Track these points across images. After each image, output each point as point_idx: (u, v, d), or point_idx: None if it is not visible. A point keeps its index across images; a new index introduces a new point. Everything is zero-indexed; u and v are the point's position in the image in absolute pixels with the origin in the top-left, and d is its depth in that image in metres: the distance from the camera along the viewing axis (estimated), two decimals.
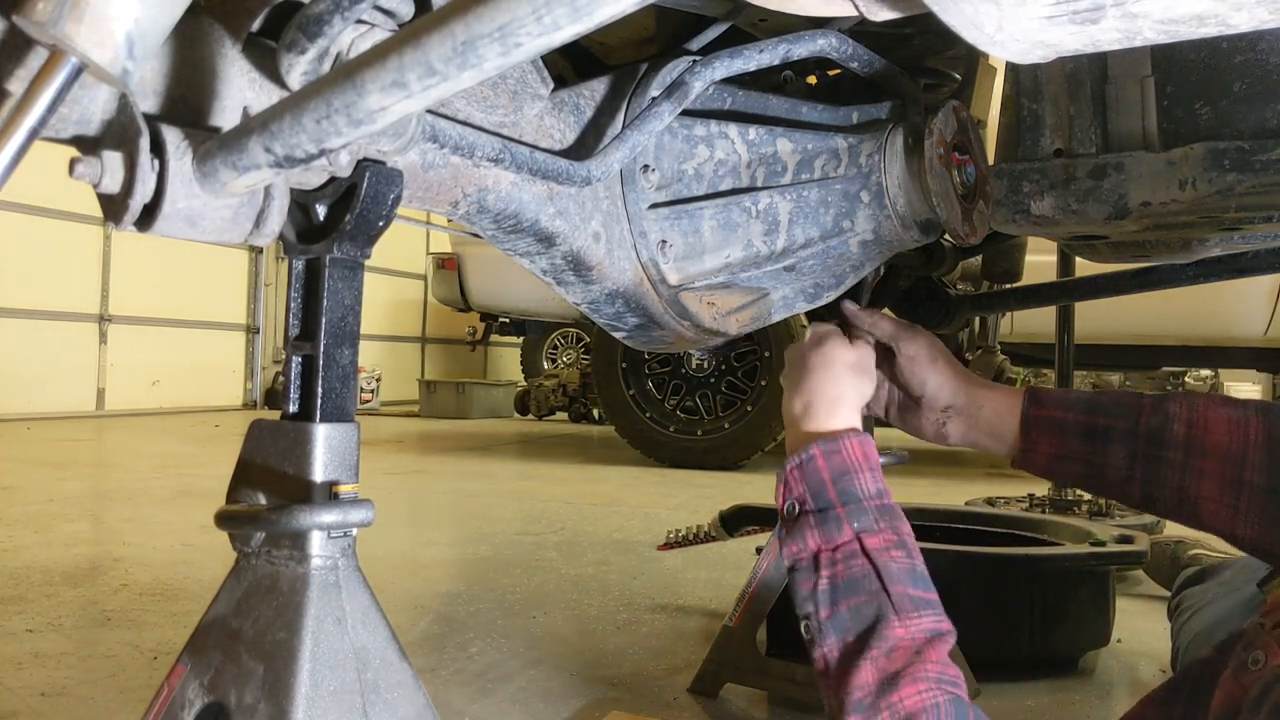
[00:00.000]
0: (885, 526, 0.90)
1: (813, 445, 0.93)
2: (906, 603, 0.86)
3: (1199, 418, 0.95)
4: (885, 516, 0.90)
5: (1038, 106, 1.35)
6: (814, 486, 0.92)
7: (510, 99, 0.99)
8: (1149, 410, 0.97)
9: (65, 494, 3.75)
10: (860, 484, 0.91)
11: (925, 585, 0.89)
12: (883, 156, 1.08)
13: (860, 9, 0.65)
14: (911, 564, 0.89)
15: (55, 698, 1.59)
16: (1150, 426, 0.96)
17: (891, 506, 0.92)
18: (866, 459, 0.93)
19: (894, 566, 0.87)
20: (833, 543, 0.89)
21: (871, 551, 0.88)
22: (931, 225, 1.10)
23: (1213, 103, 1.25)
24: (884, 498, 0.92)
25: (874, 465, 0.94)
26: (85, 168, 0.64)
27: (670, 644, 1.98)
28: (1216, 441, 0.94)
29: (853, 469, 0.92)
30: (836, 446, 0.93)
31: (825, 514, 0.90)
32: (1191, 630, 1.59)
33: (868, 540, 0.88)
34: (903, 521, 0.92)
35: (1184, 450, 0.95)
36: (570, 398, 8.85)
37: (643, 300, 1.19)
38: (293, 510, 0.75)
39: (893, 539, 0.89)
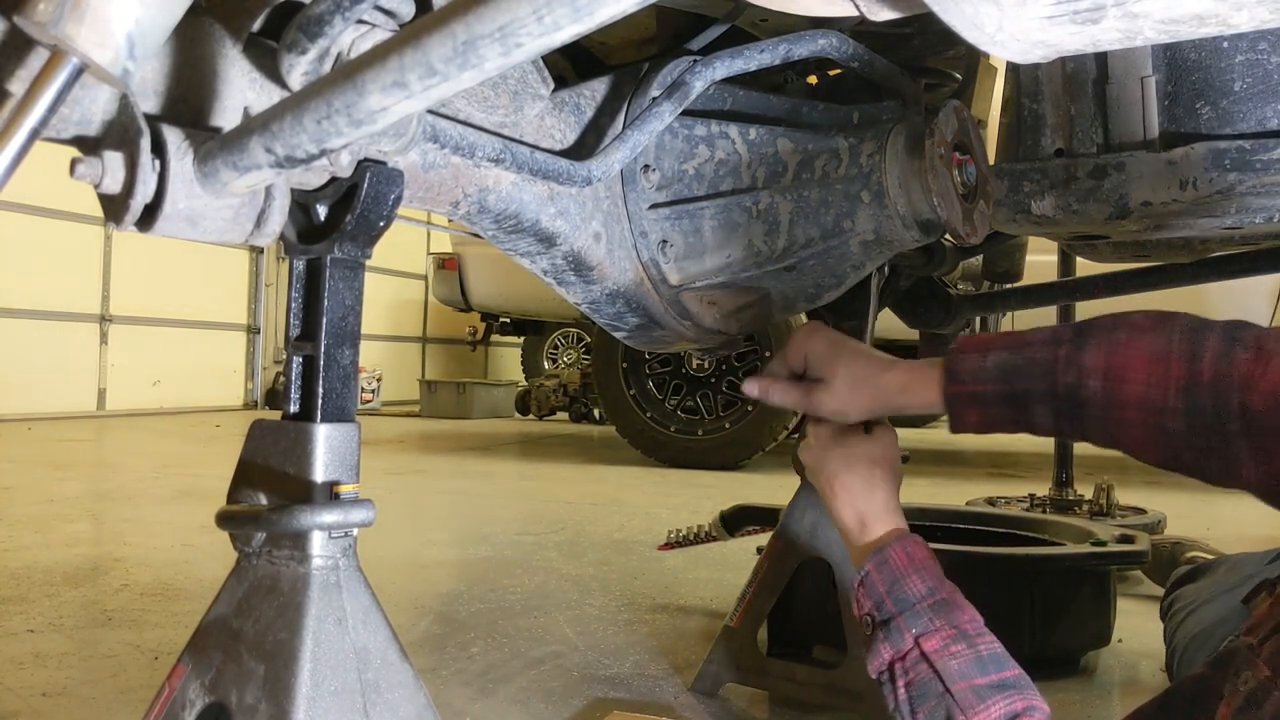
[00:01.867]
0: (941, 624, 0.93)
1: (866, 562, 0.99)
2: (971, 696, 0.88)
3: (1116, 365, 0.90)
4: (939, 614, 0.94)
5: (1038, 106, 1.35)
6: (876, 600, 0.97)
7: (511, 99, 0.99)
8: (1063, 365, 0.93)
9: (66, 494, 3.75)
10: (911, 588, 0.95)
11: (996, 668, 0.91)
12: (883, 156, 1.08)
13: (860, 9, 0.65)
14: (974, 653, 0.91)
15: (56, 698, 1.59)
16: (1066, 386, 0.93)
17: (945, 601, 0.95)
18: (912, 561, 0.97)
19: (954, 664, 0.90)
20: (900, 652, 0.93)
21: (930, 654, 0.91)
22: (932, 225, 1.10)
23: (1213, 102, 1.25)
24: (936, 595, 0.95)
25: (919, 565, 0.97)
26: (86, 168, 0.64)
27: (671, 644, 1.98)
28: (1134, 391, 0.89)
29: (900, 575, 0.96)
30: (884, 557, 0.98)
31: (889, 625, 0.95)
32: (1188, 631, 1.58)
33: (926, 644, 0.92)
34: (961, 611, 0.94)
35: (1103, 405, 0.91)
36: (571, 398, 8.85)
37: (643, 300, 1.19)
38: (294, 510, 0.75)
39: (950, 634, 0.92)
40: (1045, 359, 0.94)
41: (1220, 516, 3.87)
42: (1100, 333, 0.92)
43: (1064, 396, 0.93)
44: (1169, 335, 0.89)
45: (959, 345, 1.01)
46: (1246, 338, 0.85)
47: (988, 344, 0.99)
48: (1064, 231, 1.44)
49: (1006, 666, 0.91)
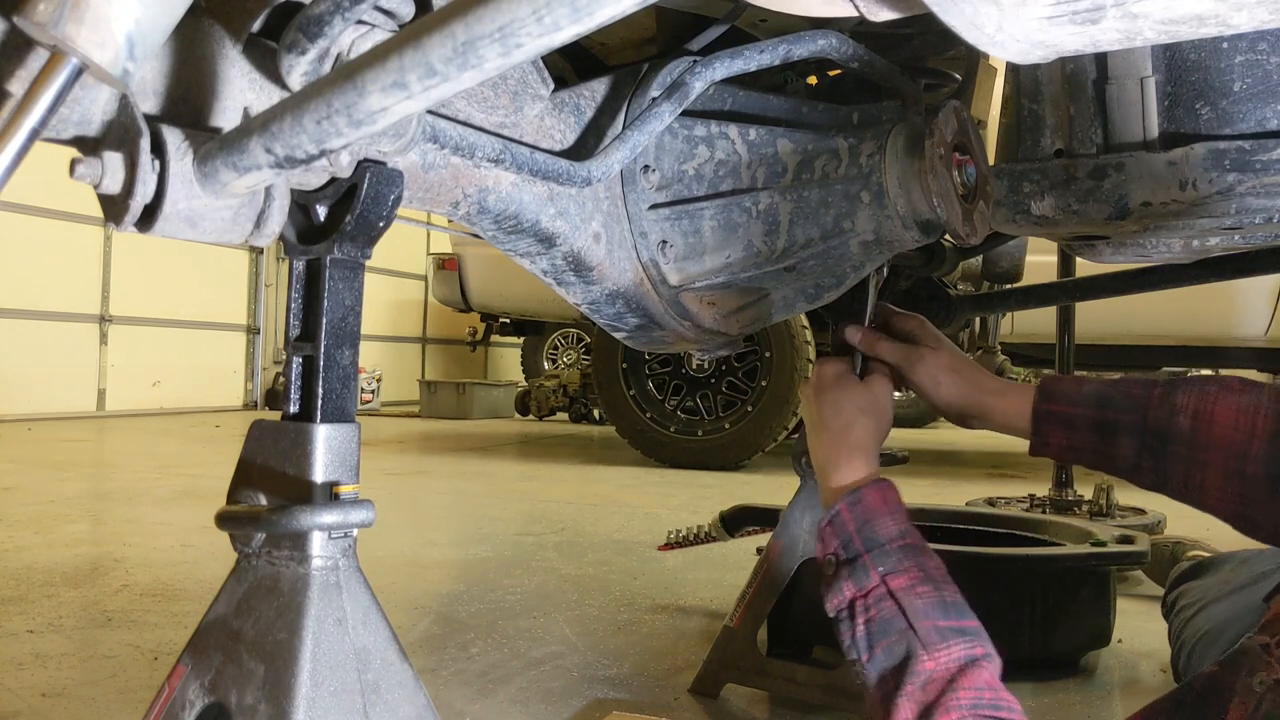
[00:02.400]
0: (910, 565, 0.94)
1: (839, 502, 1.00)
2: (934, 635, 0.89)
3: (1206, 409, 0.96)
4: (909, 555, 0.95)
5: (1038, 107, 1.35)
6: (844, 539, 0.98)
7: (511, 99, 0.99)
8: (1157, 403, 0.99)
9: (66, 494, 3.75)
10: (882, 529, 0.97)
11: (957, 614, 0.92)
12: (883, 157, 1.08)
13: (860, 9, 0.65)
14: (939, 596, 0.92)
15: (56, 698, 1.59)
16: (1157, 420, 0.99)
17: (915, 545, 0.96)
18: (885, 503, 0.99)
19: (919, 603, 0.91)
20: (863, 589, 0.94)
21: (897, 591, 0.92)
22: (932, 225, 1.10)
23: (1213, 103, 1.25)
24: (906, 538, 0.96)
25: (893, 509, 0.99)
26: (86, 168, 0.64)
27: (671, 644, 1.98)
28: (1221, 434, 0.95)
29: (874, 516, 0.98)
30: (858, 497, 0.99)
31: (854, 563, 0.96)
32: (1198, 628, 1.57)
33: (893, 581, 0.93)
34: (929, 557, 0.96)
35: (1188, 444, 0.97)
36: (571, 398, 8.85)
37: (643, 301, 1.19)
38: (293, 511, 0.75)
39: (918, 575, 0.93)
40: (1140, 395, 1.01)
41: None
42: (1194, 383, 0.99)
43: (1152, 431, 0.99)
44: (1259, 394, 0.95)
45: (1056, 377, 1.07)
46: None
47: (1083, 378, 1.06)
48: (1064, 232, 1.44)
49: (967, 616, 0.92)
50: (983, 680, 0.86)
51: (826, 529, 1.00)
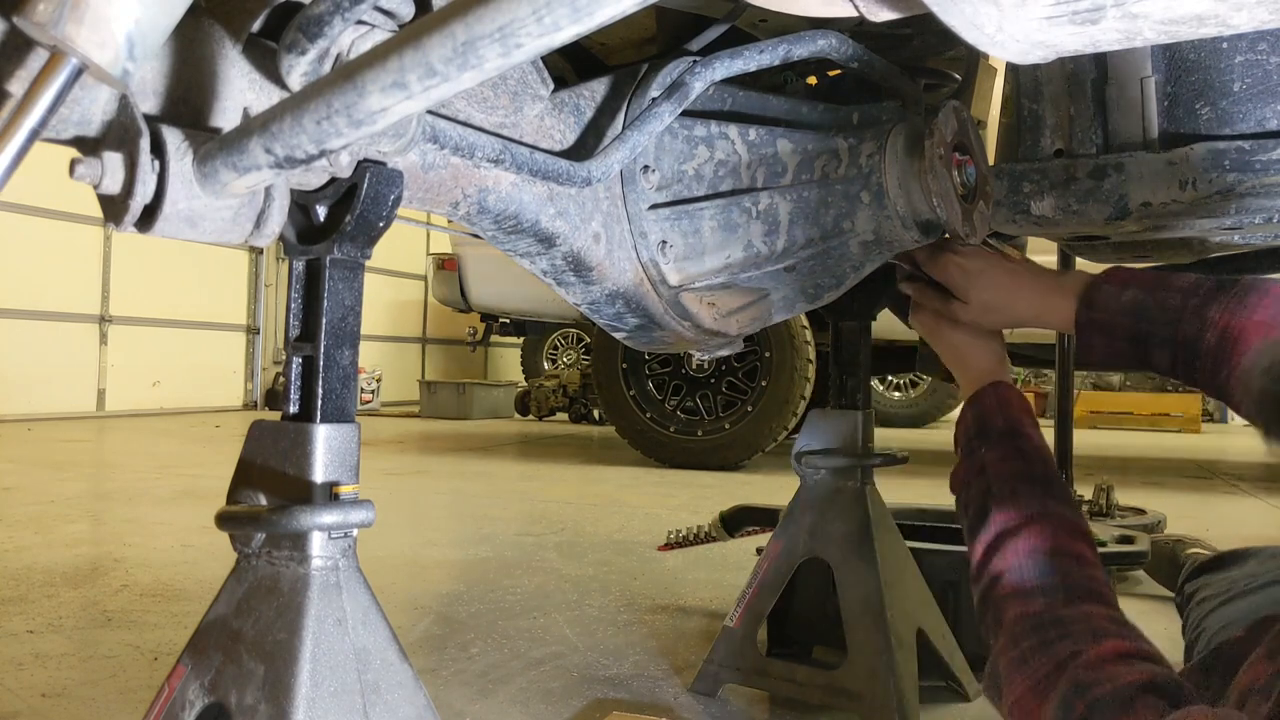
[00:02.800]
0: (1007, 447, 1.07)
1: (967, 407, 1.15)
2: (1006, 492, 1.02)
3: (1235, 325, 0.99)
4: (1007, 438, 1.08)
5: (1038, 107, 1.35)
6: (968, 433, 1.13)
7: (511, 100, 0.99)
8: (1189, 316, 1.03)
9: (66, 495, 3.75)
10: (991, 423, 1.11)
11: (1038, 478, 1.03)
12: (883, 157, 1.08)
13: (860, 9, 0.65)
14: (1024, 467, 1.04)
15: (56, 698, 1.59)
16: (1185, 335, 1.03)
17: (1013, 429, 1.09)
18: (999, 404, 1.12)
19: (1005, 467, 1.04)
20: (972, 468, 1.08)
21: (989, 465, 1.06)
22: (932, 225, 1.10)
23: (1213, 103, 1.25)
24: (1011, 426, 1.09)
25: (1004, 406, 1.12)
26: (86, 169, 0.64)
27: (671, 644, 1.98)
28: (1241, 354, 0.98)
29: (988, 415, 1.12)
30: (977, 401, 1.14)
31: (970, 444, 1.11)
32: (1224, 617, 1.56)
33: (989, 455, 1.07)
34: (1024, 439, 1.08)
35: (1213, 358, 1.01)
36: (571, 398, 8.85)
37: (643, 301, 1.19)
38: (293, 511, 0.75)
39: (1011, 451, 1.06)
40: (1174, 306, 1.05)
41: (1220, 516, 3.87)
42: (1233, 294, 1.02)
43: (1182, 344, 1.03)
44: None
45: (1105, 275, 1.12)
46: None
47: (1128, 279, 1.10)
48: (1063, 232, 1.44)
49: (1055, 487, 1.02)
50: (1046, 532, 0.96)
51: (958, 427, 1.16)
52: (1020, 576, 0.95)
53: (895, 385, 9.05)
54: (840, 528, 1.61)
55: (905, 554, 1.66)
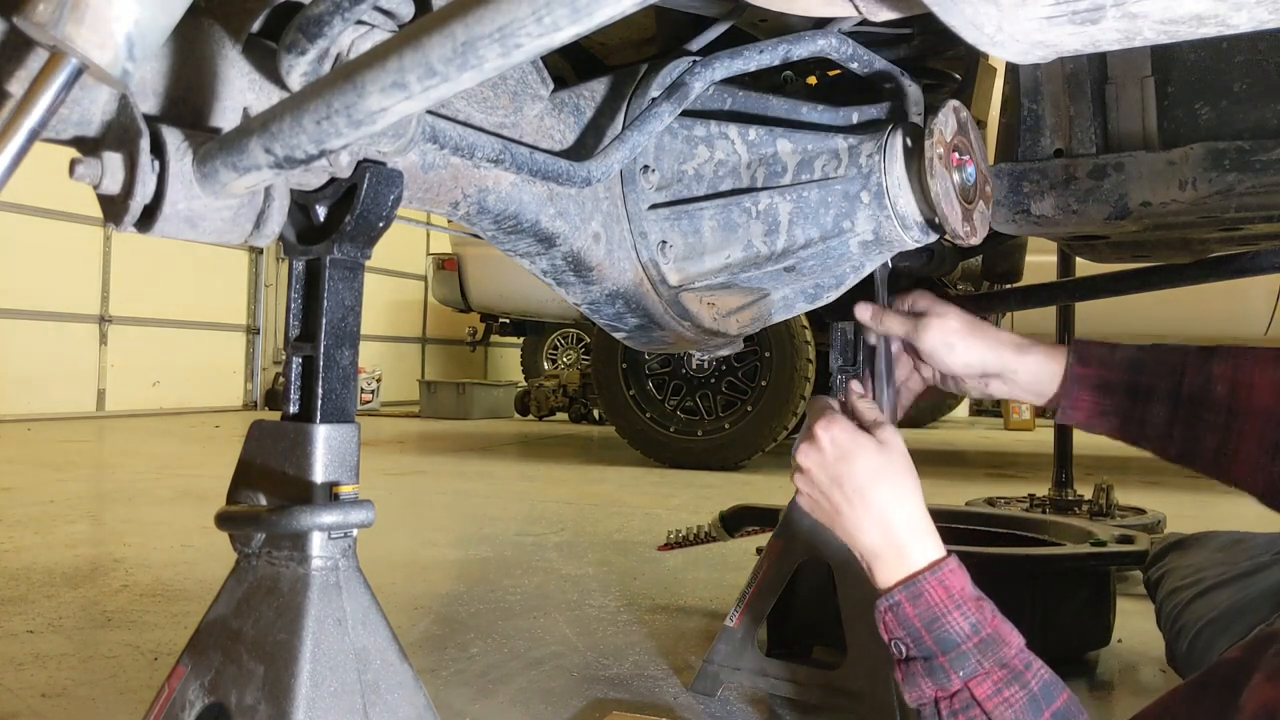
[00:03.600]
0: (991, 666, 0.87)
1: (896, 591, 0.92)
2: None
3: (1244, 378, 0.95)
4: (987, 652, 0.88)
5: (1038, 106, 1.35)
6: (911, 633, 0.90)
7: (510, 100, 0.99)
8: (1193, 371, 0.98)
9: (66, 495, 3.75)
10: (952, 627, 0.89)
11: (1048, 699, 0.86)
12: (883, 157, 1.08)
13: (860, 9, 0.65)
14: (1027, 694, 0.86)
15: (56, 699, 1.59)
16: (1192, 386, 0.97)
17: (990, 637, 0.89)
18: (949, 596, 0.90)
19: (1009, 712, 0.86)
20: (947, 691, 0.88)
21: (983, 702, 0.86)
22: (931, 225, 1.10)
23: (1213, 103, 1.25)
24: (980, 632, 0.89)
25: (960, 600, 0.90)
26: (85, 169, 0.64)
27: (671, 644, 1.98)
28: (1261, 403, 0.94)
29: (940, 612, 0.90)
30: (918, 590, 0.91)
31: (930, 663, 0.89)
32: (1198, 615, 1.55)
33: (977, 689, 0.87)
34: (1006, 645, 0.89)
35: (1225, 412, 0.96)
36: (570, 398, 8.85)
37: (643, 301, 1.19)
38: (293, 511, 0.75)
39: (1002, 676, 0.87)
40: (1174, 361, 0.99)
41: (1220, 517, 3.87)
42: (1230, 352, 0.97)
43: (1187, 397, 0.97)
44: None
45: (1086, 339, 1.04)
46: None
47: (1116, 343, 1.03)
48: (1063, 232, 1.44)
49: (1056, 695, 0.87)
50: None
51: (887, 616, 0.92)
52: None
53: None
54: None
55: None
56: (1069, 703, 0.88)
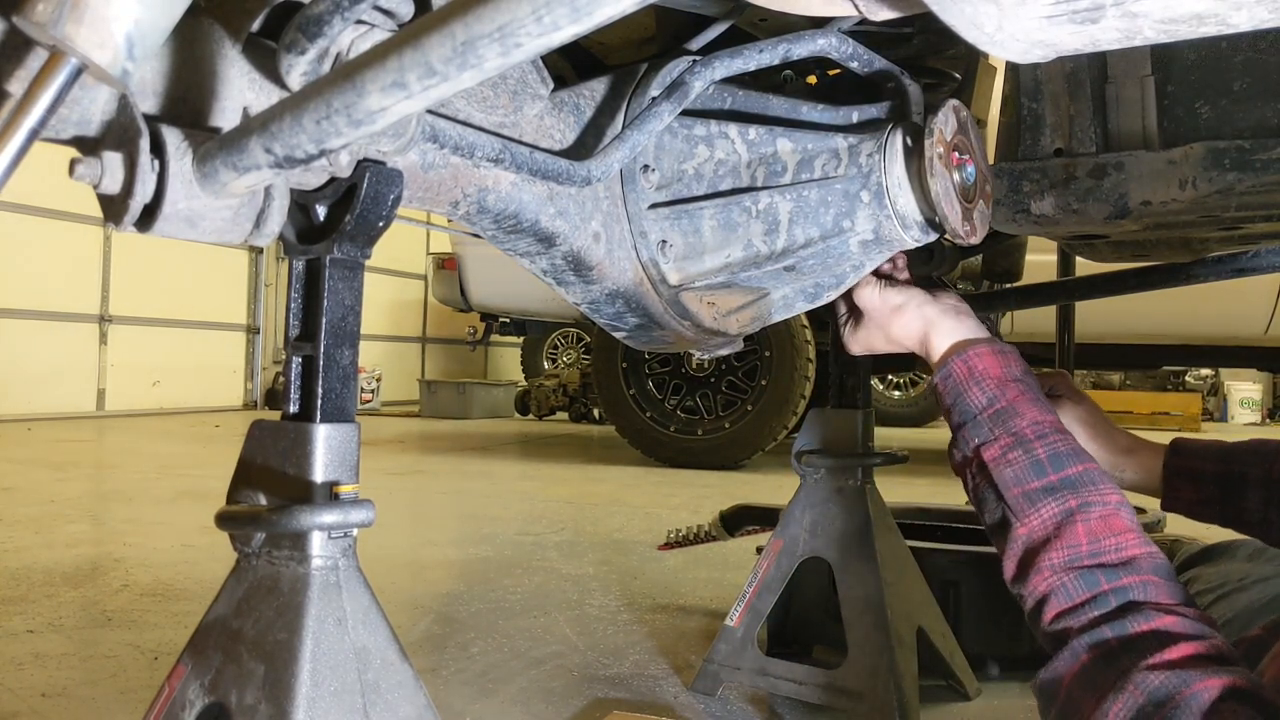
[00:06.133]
0: (1000, 433, 0.95)
1: (935, 375, 1.03)
2: (1022, 502, 0.91)
3: None
4: (999, 422, 0.96)
5: (1038, 106, 1.35)
6: (945, 409, 1.03)
7: (510, 99, 0.99)
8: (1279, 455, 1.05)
9: (66, 495, 3.75)
10: (972, 400, 0.99)
11: (1056, 467, 0.91)
12: (883, 156, 1.08)
13: (860, 9, 0.65)
14: (1031, 458, 0.92)
15: (56, 698, 1.59)
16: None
17: (1004, 409, 0.96)
18: (971, 373, 1.00)
19: (1008, 471, 0.93)
20: (965, 457, 0.99)
21: (989, 463, 0.95)
22: (931, 225, 1.10)
23: (1213, 102, 1.25)
24: (995, 404, 0.97)
25: (979, 376, 0.99)
26: (85, 168, 0.64)
27: (671, 644, 1.98)
28: None
29: (962, 388, 1.00)
30: (947, 371, 1.01)
31: (956, 433, 1.01)
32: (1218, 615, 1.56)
33: (985, 452, 0.95)
34: (1019, 417, 0.95)
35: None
36: (571, 398, 8.85)
37: (643, 300, 1.19)
38: (293, 511, 0.74)
39: (1008, 442, 0.94)
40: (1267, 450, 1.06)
41: None
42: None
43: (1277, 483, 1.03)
44: None
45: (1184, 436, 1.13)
46: None
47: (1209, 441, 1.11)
48: (1063, 231, 1.44)
49: (1067, 465, 0.92)
50: (1077, 535, 0.87)
51: (935, 392, 1.04)
52: (1067, 597, 0.85)
53: (895, 385, 9.05)
54: (840, 527, 1.61)
55: (905, 554, 1.66)
56: (1082, 474, 0.91)
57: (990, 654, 1.82)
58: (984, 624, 1.84)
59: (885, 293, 1.11)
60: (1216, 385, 12.42)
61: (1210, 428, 10.95)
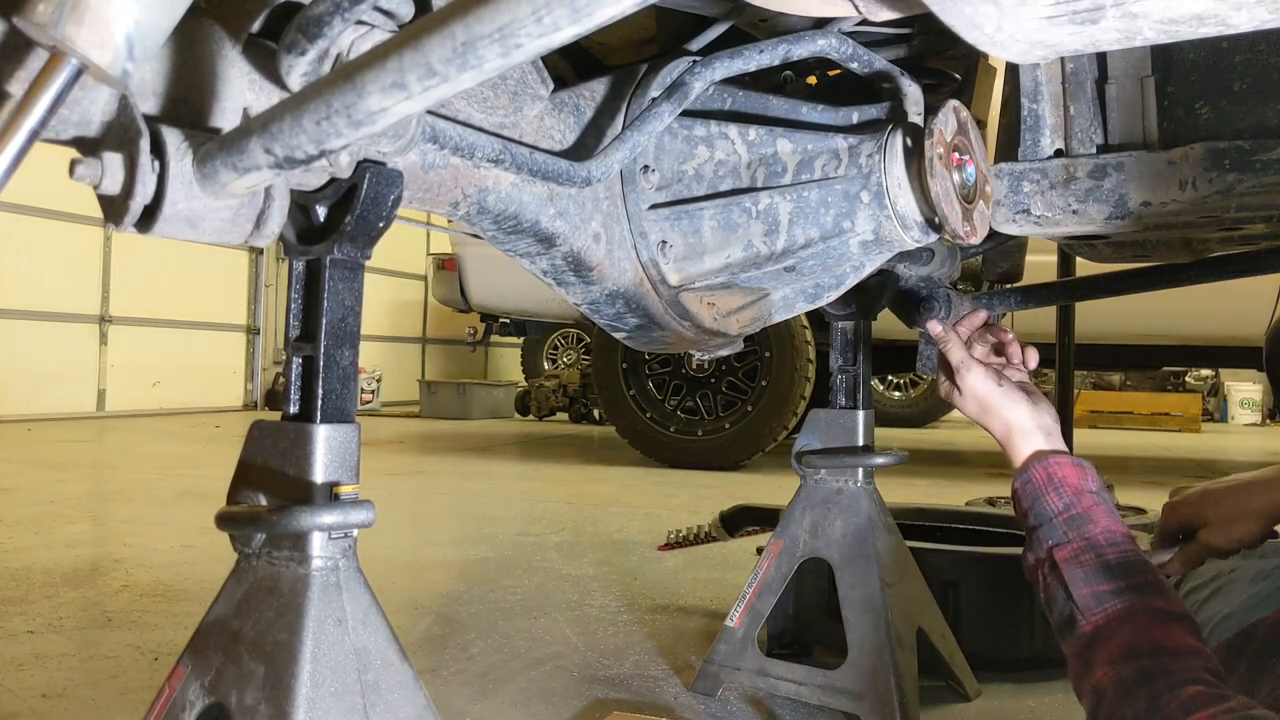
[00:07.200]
0: (1074, 537, 1.01)
1: (1015, 479, 1.10)
2: (1090, 601, 0.96)
3: None
4: (1073, 526, 1.02)
5: (1038, 106, 1.35)
6: (1021, 512, 1.08)
7: (510, 100, 0.99)
8: None
9: (66, 495, 3.75)
10: (1048, 504, 1.05)
11: (1125, 574, 0.96)
12: (883, 157, 1.08)
13: (860, 9, 0.65)
14: (1102, 561, 0.98)
15: (56, 699, 1.59)
16: None
17: (1079, 515, 1.02)
18: (1050, 479, 1.06)
19: (1079, 571, 0.98)
20: (1040, 559, 1.03)
21: (1062, 564, 1.00)
22: (931, 225, 1.10)
23: (1213, 102, 1.25)
24: (1071, 510, 1.03)
25: (1058, 483, 1.06)
26: (86, 169, 0.64)
27: (671, 644, 1.98)
28: None
29: (1040, 492, 1.06)
30: (1028, 476, 1.08)
31: (1032, 534, 1.05)
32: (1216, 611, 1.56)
33: (1059, 553, 1.01)
34: (1093, 524, 1.02)
35: None
36: (571, 398, 8.85)
37: (643, 301, 1.19)
38: (293, 511, 0.74)
39: (1081, 545, 1.00)
40: None
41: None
42: None
43: None
44: None
45: None
46: None
47: None
48: (1063, 232, 1.44)
49: (1136, 573, 0.96)
50: (1128, 634, 0.90)
51: (1014, 495, 1.10)
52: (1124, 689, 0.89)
53: (895, 385, 9.05)
54: (841, 527, 1.61)
55: (905, 554, 1.66)
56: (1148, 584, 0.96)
57: (990, 654, 1.82)
58: (984, 624, 1.84)
59: (989, 385, 1.16)
60: (1217, 386, 12.42)
61: (1210, 429, 10.95)
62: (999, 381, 1.16)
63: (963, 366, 1.18)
